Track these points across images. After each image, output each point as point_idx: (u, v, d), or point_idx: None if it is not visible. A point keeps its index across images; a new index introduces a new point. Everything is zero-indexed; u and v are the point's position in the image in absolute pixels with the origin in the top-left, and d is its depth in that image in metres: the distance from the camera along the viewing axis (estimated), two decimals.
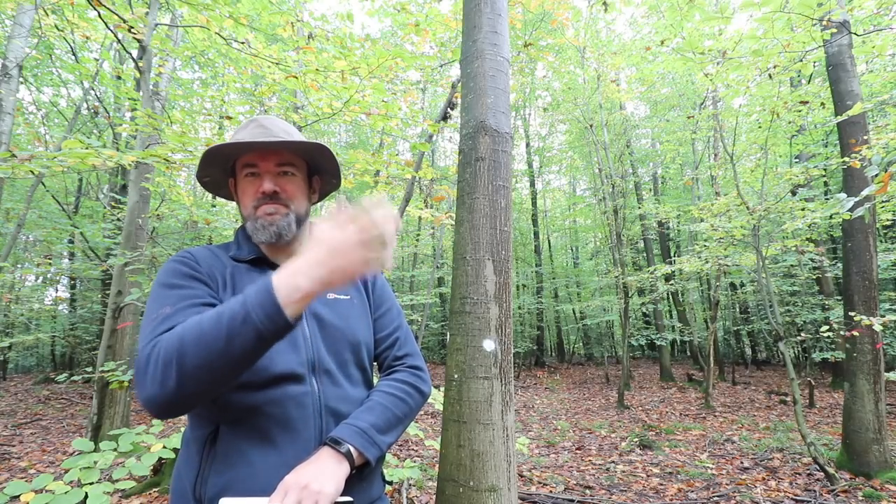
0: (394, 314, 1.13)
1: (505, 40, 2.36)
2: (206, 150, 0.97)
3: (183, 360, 0.70)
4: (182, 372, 0.70)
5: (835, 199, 2.77)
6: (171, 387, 0.70)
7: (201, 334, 0.70)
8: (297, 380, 0.90)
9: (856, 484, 3.93)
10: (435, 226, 8.17)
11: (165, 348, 0.72)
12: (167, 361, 0.71)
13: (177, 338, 0.72)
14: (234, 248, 1.03)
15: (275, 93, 4.94)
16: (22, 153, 2.35)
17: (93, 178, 10.04)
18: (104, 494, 1.91)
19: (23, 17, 5.03)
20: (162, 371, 0.71)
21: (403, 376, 1.04)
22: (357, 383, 1.01)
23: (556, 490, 4.11)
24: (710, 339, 8.37)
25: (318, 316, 0.99)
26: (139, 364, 0.74)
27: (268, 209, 0.97)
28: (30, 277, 13.58)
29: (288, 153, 1.00)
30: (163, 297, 0.85)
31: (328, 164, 1.07)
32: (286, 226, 0.98)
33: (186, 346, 0.70)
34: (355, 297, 1.08)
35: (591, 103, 10.63)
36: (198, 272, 0.92)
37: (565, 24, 7.45)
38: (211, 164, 1.02)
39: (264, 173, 0.98)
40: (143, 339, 0.79)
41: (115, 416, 4.57)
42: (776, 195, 5.63)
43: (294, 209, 1.00)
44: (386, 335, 1.09)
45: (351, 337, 1.01)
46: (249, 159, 0.98)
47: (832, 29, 4.15)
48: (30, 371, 15.15)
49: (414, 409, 1.01)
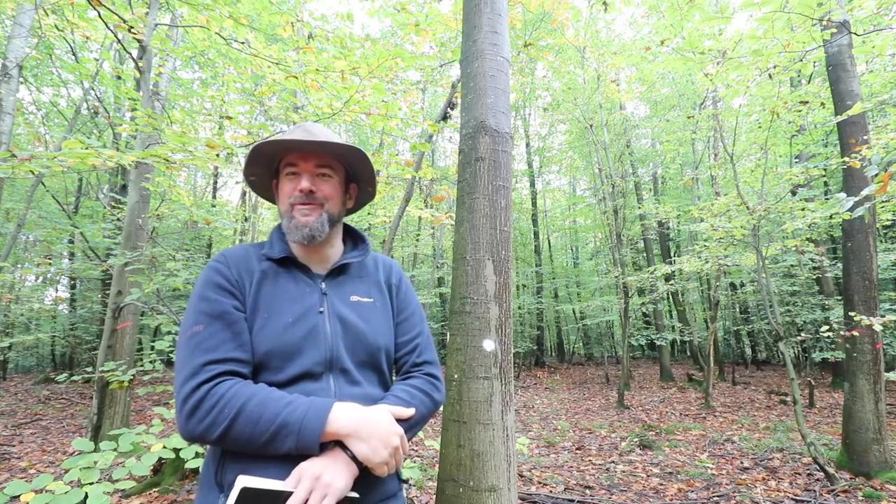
0: (416, 320, 1.16)
1: (505, 40, 2.36)
2: (252, 147, 1.03)
3: (231, 427, 0.83)
4: (225, 432, 0.84)
5: (835, 199, 2.77)
6: (213, 437, 0.84)
7: (258, 420, 0.84)
8: (315, 377, 0.96)
9: (856, 484, 3.93)
10: (435, 226, 8.18)
11: (222, 405, 0.84)
12: (219, 420, 0.84)
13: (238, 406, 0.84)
14: (267, 247, 1.07)
15: (275, 93, 4.94)
16: (22, 153, 2.34)
17: (93, 178, 10.04)
18: (104, 494, 1.91)
19: (23, 17, 5.02)
20: (211, 421, 0.84)
21: (419, 382, 1.06)
22: (374, 384, 1.04)
23: (556, 490, 4.11)
24: (710, 339, 8.37)
25: (340, 317, 1.03)
26: (188, 393, 0.86)
27: (303, 210, 1.03)
28: (30, 277, 13.58)
29: (327, 156, 1.06)
30: (196, 311, 0.95)
31: (364, 170, 1.13)
32: (319, 227, 1.03)
33: (240, 420, 0.84)
34: (378, 301, 1.11)
35: (591, 103, 10.63)
36: (227, 280, 0.99)
37: (565, 24, 7.44)
38: (256, 162, 1.08)
39: (303, 172, 1.04)
40: (186, 362, 0.89)
41: (115, 416, 4.57)
42: (776, 195, 5.63)
43: (328, 209, 1.05)
44: (407, 340, 1.12)
45: (371, 339, 1.04)
46: (291, 159, 1.05)
47: (832, 29, 4.14)
48: (30, 371, 15.14)
49: (425, 415, 1.03)
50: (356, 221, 10.42)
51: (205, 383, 0.86)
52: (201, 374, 0.87)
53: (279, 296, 1.01)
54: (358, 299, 1.07)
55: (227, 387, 0.86)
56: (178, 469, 3.57)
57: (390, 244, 5.85)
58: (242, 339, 0.94)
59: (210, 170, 13.72)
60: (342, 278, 1.09)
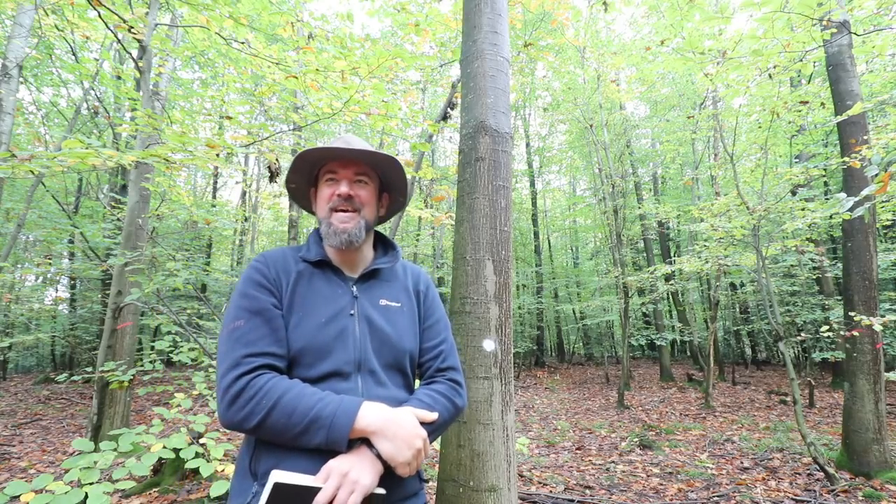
0: (441, 326, 1.19)
1: (505, 40, 2.36)
2: (296, 155, 1.10)
3: (268, 417, 0.88)
4: (261, 422, 0.89)
5: (835, 199, 2.77)
6: (250, 425, 0.89)
7: (292, 413, 0.88)
8: (344, 376, 1.00)
9: (856, 484, 3.93)
10: (435, 226, 8.18)
11: (261, 397, 0.89)
12: (256, 410, 0.88)
13: (275, 398, 0.89)
14: (304, 249, 1.13)
15: (275, 93, 4.94)
16: (22, 153, 2.34)
17: (93, 178, 10.04)
18: (104, 494, 1.91)
19: (23, 17, 5.02)
20: (249, 411, 0.89)
21: (442, 388, 1.09)
22: (399, 387, 1.08)
23: (556, 490, 4.11)
24: (710, 339, 8.37)
25: (369, 319, 1.07)
26: (230, 382, 0.91)
27: (342, 217, 1.09)
28: (30, 277, 13.58)
29: (364, 165, 1.13)
30: (238, 307, 1.01)
31: (398, 179, 1.19)
32: (357, 232, 1.09)
33: (276, 412, 0.88)
34: (406, 305, 1.16)
35: (591, 103, 10.63)
36: (267, 279, 1.05)
37: (565, 24, 7.44)
38: (298, 170, 1.15)
39: (342, 179, 1.11)
40: (228, 354, 0.94)
41: (115, 416, 4.57)
42: (776, 195, 5.63)
43: (364, 215, 1.11)
44: (432, 346, 1.16)
45: (397, 343, 1.09)
46: (332, 167, 1.12)
47: (832, 29, 4.14)
48: (30, 371, 15.14)
49: (447, 420, 1.06)
50: None
51: (245, 374, 0.91)
52: (242, 366, 0.92)
53: (314, 296, 1.06)
54: (387, 303, 1.12)
55: (266, 379, 0.91)
56: (178, 469, 3.57)
57: None
58: (280, 335, 0.99)
59: (210, 170, 13.71)
60: (373, 282, 1.14)
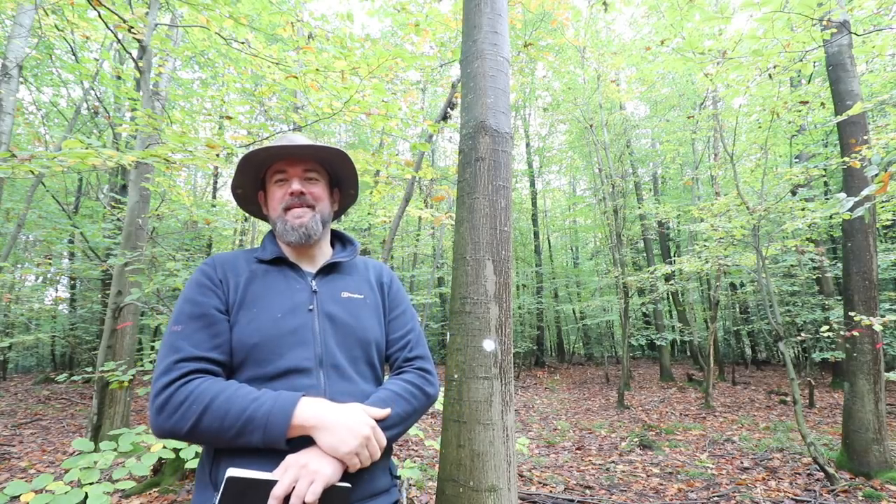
0: (407, 317, 1.18)
1: (505, 40, 2.36)
2: (241, 158, 1.07)
3: (199, 423, 0.85)
4: (193, 428, 0.85)
5: (835, 199, 2.77)
6: (182, 432, 0.86)
7: (224, 416, 0.85)
8: (304, 373, 0.97)
9: (856, 484, 3.93)
10: (435, 226, 8.17)
11: (190, 402, 0.86)
12: (187, 415, 0.85)
13: (205, 402, 0.86)
14: (259, 250, 1.12)
15: (275, 93, 4.94)
16: (22, 153, 2.34)
17: (93, 178, 10.04)
18: (104, 494, 1.91)
19: (23, 17, 5.02)
20: (179, 417, 0.85)
21: (411, 377, 1.08)
22: (367, 379, 1.05)
23: (556, 490, 4.11)
24: (710, 339, 8.37)
25: (330, 314, 1.05)
26: (158, 389, 0.88)
27: (297, 212, 1.07)
28: (30, 277, 13.58)
29: (313, 161, 1.12)
30: (178, 312, 0.98)
31: (348, 173, 1.19)
32: (313, 225, 1.08)
33: (207, 416, 0.85)
34: (369, 297, 1.14)
35: (591, 103, 10.63)
36: (212, 281, 1.02)
37: (565, 24, 7.44)
38: (244, 173, 1.12)
39: (292, 177, 1.09)
40: (161, 360, 0.92)
41: (115, 416, 4.57)
42: (776, 195, 5.63)
43: (319, 210, 1.11)
44: (398, 336, 1.14)
45: (361, 334, 1.06)
46: (280, 167, 1.10)
47: (832, 29, 4.14)
48: (30, 371, 15.14)
49: (418, 409, 1.04)
50: (357, 221, 10.42)
51: (175, 381, 0.88)
52: (173, 372, 0.89)
53: (269, 291, 1.03)
54: (349, 295, 1.10)
55: (197, 384, 0.88)
56: (178, 469, 3.58)
57: (390, 244, 5.85)
58: (219, 341, 0.96)
59: (210, 170, 13.69)
60: (333, 275, 1.12)
